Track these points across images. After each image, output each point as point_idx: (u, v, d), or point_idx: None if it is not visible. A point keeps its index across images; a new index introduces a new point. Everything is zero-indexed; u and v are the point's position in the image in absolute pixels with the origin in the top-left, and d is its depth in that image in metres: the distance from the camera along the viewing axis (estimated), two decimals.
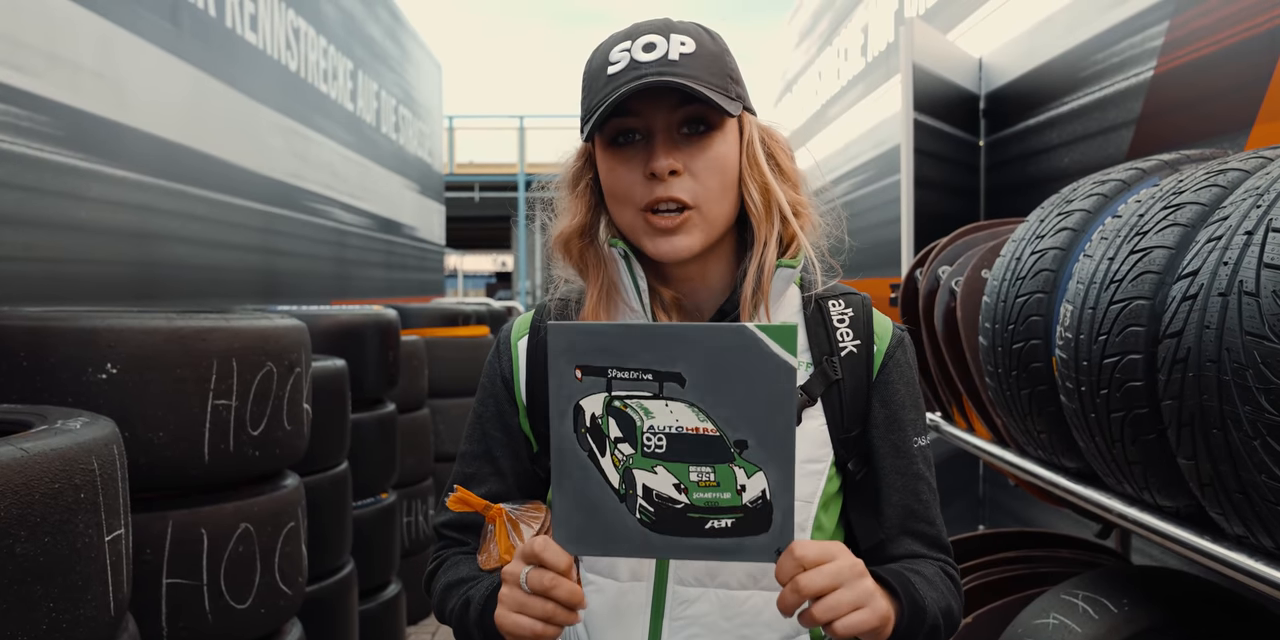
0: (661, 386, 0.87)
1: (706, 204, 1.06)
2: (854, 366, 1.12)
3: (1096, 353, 1.20)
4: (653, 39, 1.05)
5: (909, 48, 2.85)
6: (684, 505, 0.88)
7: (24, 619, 1.21)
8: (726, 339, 0.86)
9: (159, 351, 1.85)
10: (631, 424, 0.88)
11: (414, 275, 9.72)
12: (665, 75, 1.01)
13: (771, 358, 0.86)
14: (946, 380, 2.10)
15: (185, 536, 1.89)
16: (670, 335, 0.87)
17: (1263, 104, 1.81)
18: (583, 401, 0.88)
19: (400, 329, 3.93)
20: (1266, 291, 0.94)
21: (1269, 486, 0.96)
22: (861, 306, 1.15)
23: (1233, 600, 1.55)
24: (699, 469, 0.88)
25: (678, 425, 0.87)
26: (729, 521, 0.88)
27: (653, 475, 0.88)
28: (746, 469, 0.87)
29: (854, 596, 0.89)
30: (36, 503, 1.22)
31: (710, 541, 0.88)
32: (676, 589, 1.07)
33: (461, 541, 1.19)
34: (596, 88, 1.07)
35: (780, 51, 7.92)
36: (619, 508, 0.89)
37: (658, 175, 1.04)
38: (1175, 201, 1.17)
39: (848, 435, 1.11)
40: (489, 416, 1.19)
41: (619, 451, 0.89)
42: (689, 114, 1.05)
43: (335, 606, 2.92)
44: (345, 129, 7.06)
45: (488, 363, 1.23)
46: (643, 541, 0.89)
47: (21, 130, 2.84)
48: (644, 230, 1.07)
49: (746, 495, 0.87)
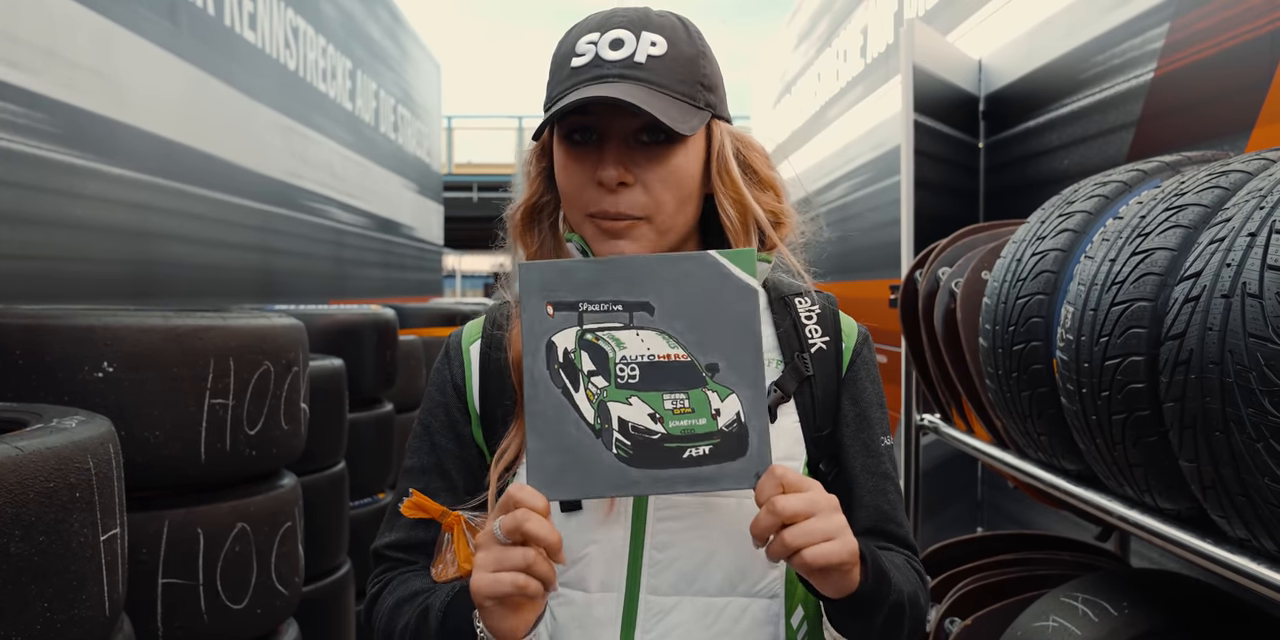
0: (632, 316, 0.90)
1: (659, 216, 1.03)
2: (824, 363, 1.10)
3: (1098, 354, 1.20)
4: (622, 35, 1.01)
5: (909, 49, 2.85)
6: (660, 435, 0.88)
7: (18, 619, 1.20)
8: (691, 266, 0.90)
9: (156, 350, 1.84)
10: (604, 356, 0.89)
11: (412, 275, 9.72)
12: (628, 79, 0.98)
13: (734, 280, 0.90)
14: (946, 382, 2.10)
15: (181, 536, 1.89)
16: (638, 265, 0.91)
17: (1263, 106, 1.81)
18: (555, 337, 0.89)
19: (398, 329, 3.93)
20: (1270, 293, 0.93)
21: (1272, 489, 0.96)
22: (828, 304, 1.14)
23: (1233, 604, 1.54)
24: (673, 396, 0.89)
25: (649, 353, 0.89)
26: (706, 448, 0.88)
27: (627, 407, 0.89)
28: (720, 392, 0.89)
29: (827, 527, 0.87)
30: (31, 502, 1.21)
31: (689, 471, 0.88)
32: (650, 599, 1.01)
33: (408, 562, 1.11)
34: (559, 78, 1.03)
35: (779, 53, 7.92)
36: (595, 444, 0.88)
37: (605, 185, 1.01)
38: (1177, 203, 1.17)
39: (819, 434, 1.08)
40: (438, 427, 1.12)
41: (592, 385, 0.89)
42: (647, 121, 1.00)
43: (332, 607, 2.91)
44: (344, 128, 7.05)
45: (435, 369, 1.16)
46: (621, 477, 0.88)
47: (19, 128, 2.84)
48: (590, 233, 1.04)
49: (721, 419, 0.89)
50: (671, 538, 1.02)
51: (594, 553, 1.02)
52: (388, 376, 3.74)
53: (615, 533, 1.02)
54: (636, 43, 1.01)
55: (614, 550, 1.02)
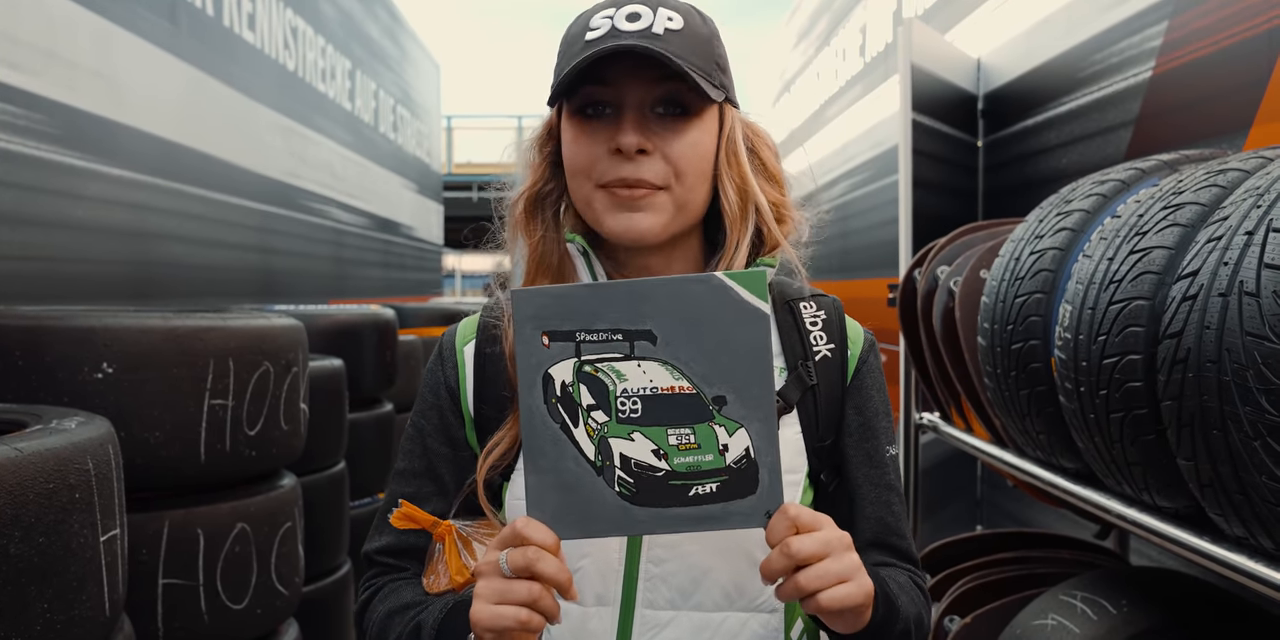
0: (633, 346, 0.84)
1: (678, 187, 0.99)
2: (828, 371, 1.06)
3: (1096, 353, 1.20)
4: (638, 9, 0.98)
5: (907, 48, 2.85)
6: (665, 472, 0.83)
7: (18, 620, 1.20)
8: (695, 290, 0.84)
9: (155, 351, 1.84)
10: (604, 389, 0.84)
11: (412, 275, 9.72)
12: (647, 47, 0.94)
13: (743, 306, 0.83)
14: (945, 381, 2.10)
15: (181, 536, 1.89)
16: (638, 291, 0.84)
17: (1261, 104, 1.81)
18: (551, 370, 0.84)
19: (398, 329, 3.93)
20: (1267, 292, 0.93)
21: (1269, 487, 0.96)
22: (833, 309, 1.10)
23: (1232, 602, 1.54)
24: (678, 431, 0.83)
25: (652, 386, 0.83)
26: (713, 486, 0.83)
27: (629, 443, 0.84)
28: (728, 427, 0.83)
29: (841, 568, 0.83)
30: (31, 503, 1.21)
31: (695, 510, 0.83)
32: (646, 613, 0.99)
33: (399, 568, 1.08)
34: (572, 53, 0.98)
35: (778, 52, 7.92)
36: (596, 482, 0.84)
37: (624, 152, 0.96)
38: (1175, 201, 1.17)
39: (821, 444, 1.05)
40: (431, 430, 1.09)
41: (592, 420, 0.84)
42: (667, 92, 0.98)
43: (332, 607, 2.91)
44: (343, 128, 7.05)
45: (428, 371, 1.12)
46: (624, 517, 0.84)
47: (18, 129, 2.84)
48: (602, 205, 0.99)
49: (730, 455, 0.83)
50: (668, 552, 1.00)
51: (589, 566, 1.00)
52: (388, 376, 3.74)
53: (611, 546, 1.00)
54: (654, 16, 0.97)
55: (609, 564, 1.00)
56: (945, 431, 2.26)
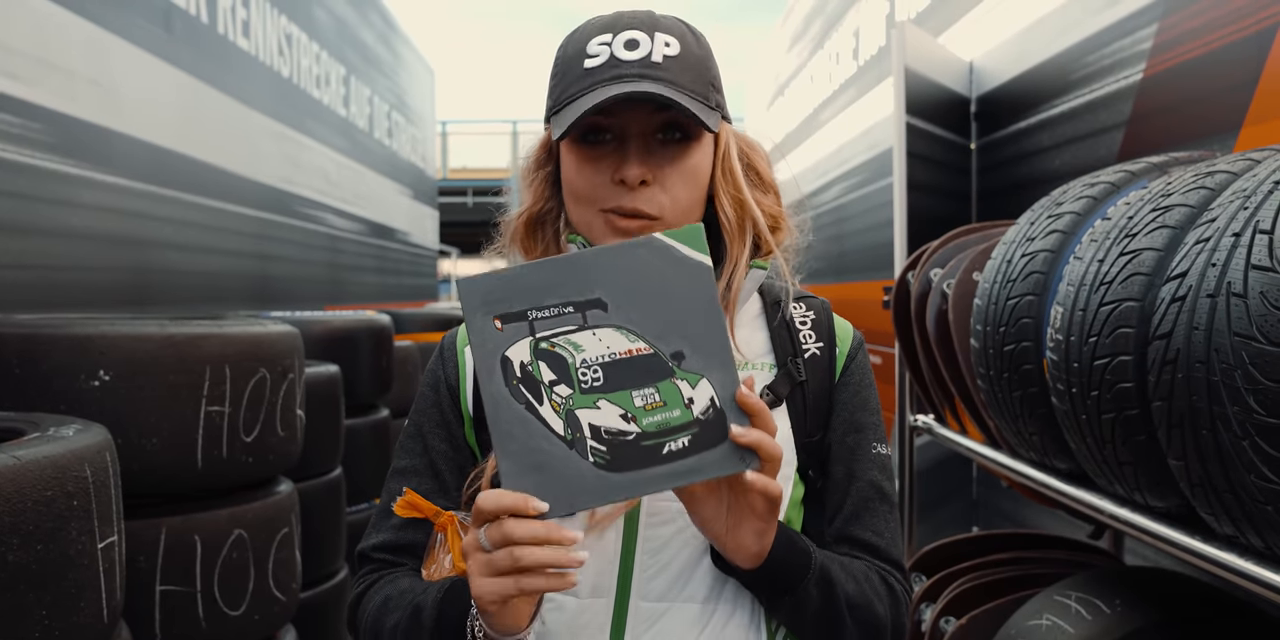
0: (585, 316, 0.85)
1: (673, 216, 1.02)
2: (816, 368, 1.09)
3: (1087, 354, 1.21)
4: (636, 36, 1.00)
5: (900, 51, 2.86)
6: (636, 434, 0.84)
7: (16, 627, 1.21)
8: (638, 253, 0.85)
9: (152, 358, 1.85)
10: (563, 362, 0.84)
11: (408, 280, 9.71)
12: (647, 78, 0.97)
13: (685, 261, 0.85)
14: (939, 383, 2.11)
15: (178, 543, 1.89)
16: (582, 261, 0.86)
17: (1251, 106, 1.82)
18: (508, 352, 0.84)
19: (394, 334, 3.93)
20: (1254, 293, 0.94)
21: (1258, 486, 0.97)
22: (822, 309, 1.13)
23: (1224, 600, 1.55)
24: (642, 392, 0.84)
25: (610, 352, 0.84)
26: (685, 440, 0.84)
27: (596, 411, 0.84)
28: (690, 379, 0.85)
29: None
30: (29, 510, 1.22)
31: (672, 466, 0.84)
32: (640, 605, 1.01)
33: (395, 564, 1.09)
34: (571, 78, 1.01)
35: (772, 55, 7.94)
36: (569, 456, 0.83)
37: (628, 183, 1.00)
38: (1164, 204, 1.18)
39: (810, 440, 1.07)
40: (431, 427, 1.11)
41: (556, 395, 0.84)
42: (667, 120, 1.00)
43: (329, 612, 2.91)
44: (338, 134, 7.06)
45: (429, 370, 1.14)
46: (604, 485, 0.84)
47: (13, 137, 2.84)
48: (602, 231, 1.03)
49: (696, 407, 0.84)
50: (663, 543, 1.01)
51: (585, 559, 1.01)
52: (384, 382, 3.74)
53: (607, 538, 1.02)
54: (651, 43, 1.00)
55: (605, 556, 1.02)
56: (940, 433, 2.27)
